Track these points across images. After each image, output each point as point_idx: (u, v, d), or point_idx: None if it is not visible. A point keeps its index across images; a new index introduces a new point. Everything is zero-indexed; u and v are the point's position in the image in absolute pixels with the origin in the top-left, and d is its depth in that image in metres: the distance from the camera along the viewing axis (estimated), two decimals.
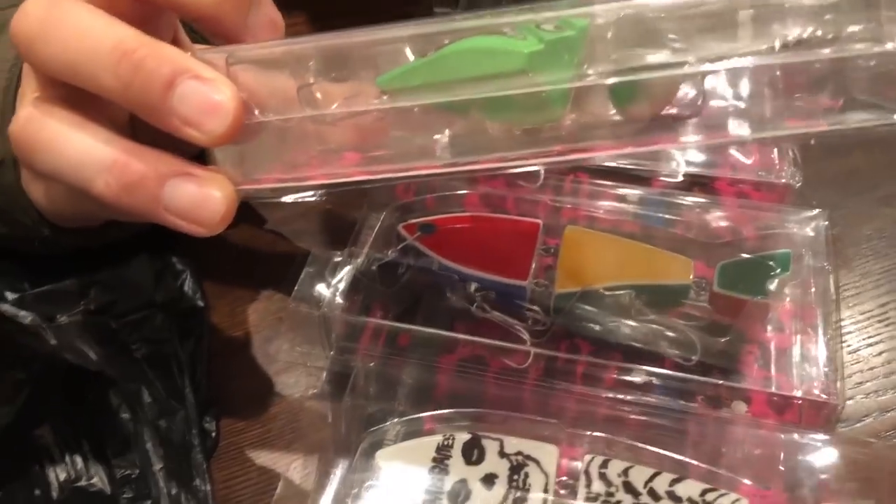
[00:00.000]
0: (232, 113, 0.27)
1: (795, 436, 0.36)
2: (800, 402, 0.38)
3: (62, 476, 0.38)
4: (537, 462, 0.35)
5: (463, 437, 0.36)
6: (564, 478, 0.35)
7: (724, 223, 0.44)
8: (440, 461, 0.35)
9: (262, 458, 0.39)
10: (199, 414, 0.39)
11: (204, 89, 0.27)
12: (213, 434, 0.40)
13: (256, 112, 0.28)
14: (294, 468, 0.38)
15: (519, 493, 0.34)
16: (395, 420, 0.37)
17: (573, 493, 0.34)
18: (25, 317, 0.34)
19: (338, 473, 0.36)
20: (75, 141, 0.29)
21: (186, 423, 0.37)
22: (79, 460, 0.39)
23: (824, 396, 0.37)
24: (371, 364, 0.39)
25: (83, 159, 0.29)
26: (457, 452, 0.35)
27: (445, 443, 0.36)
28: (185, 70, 0.27)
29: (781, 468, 0.35)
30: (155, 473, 0.35)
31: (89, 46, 0.28)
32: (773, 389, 0.38)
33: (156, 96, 0.27)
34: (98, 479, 0.38)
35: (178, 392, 0.39)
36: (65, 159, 0.29)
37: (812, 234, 0.43)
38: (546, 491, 0.34)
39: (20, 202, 0.36)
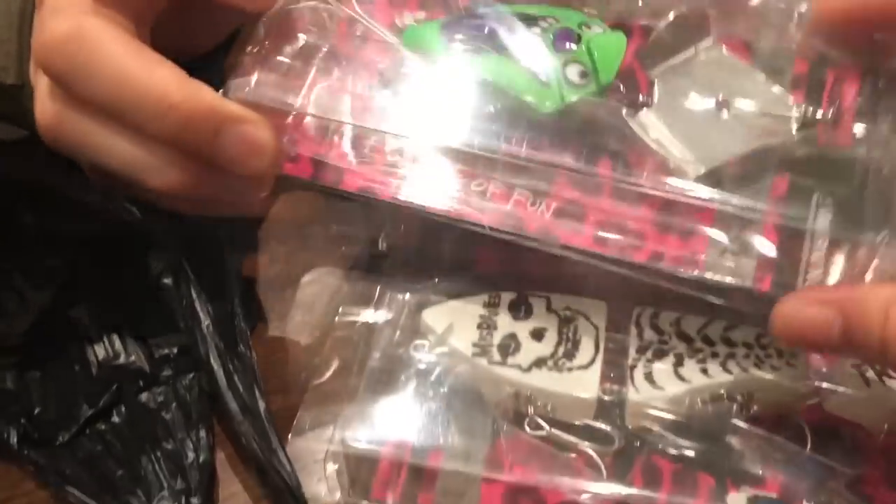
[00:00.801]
0: (272, 152, 0.28)
1: None
2: None
3: (101, 355, 0.38)
4: (586, 316, 0.34)
5: (509, 295, 0.35)
6: (614, 331, 0.34)
7: None
8: (487, 317, 0.35)
9: (303, 335, 0.39)
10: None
11: (247, 134, 0.28)
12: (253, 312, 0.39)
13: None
14: (336, 340, 0.37)
15: (569, 346, 0.34)
16: (437, 280, 0.36)
17: (624, 343, 0.34)
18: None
19: (384, 335, 0.35)
20: (119, 142, 0.28)
21: (228, 294, 0.37)
22: (116, 340, 0.38)
23: None
24: (410, 242, 0.39)
25: (132, 160, 0.28)
26: (503, 309, 0.35)
27: (492, 301, 0.35)
28: (227, 118, 0.28)
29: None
30: (203, 330, 0.34)
31: (132, 96, 0.27)
32: None
33: (204, 144, 0.28)
34: (136, 358, 0.38)
35: (217, 267, 0.38)
36: (111, 159, 0.29)
37: None
38: (597, 342, 0.34)
39: None
